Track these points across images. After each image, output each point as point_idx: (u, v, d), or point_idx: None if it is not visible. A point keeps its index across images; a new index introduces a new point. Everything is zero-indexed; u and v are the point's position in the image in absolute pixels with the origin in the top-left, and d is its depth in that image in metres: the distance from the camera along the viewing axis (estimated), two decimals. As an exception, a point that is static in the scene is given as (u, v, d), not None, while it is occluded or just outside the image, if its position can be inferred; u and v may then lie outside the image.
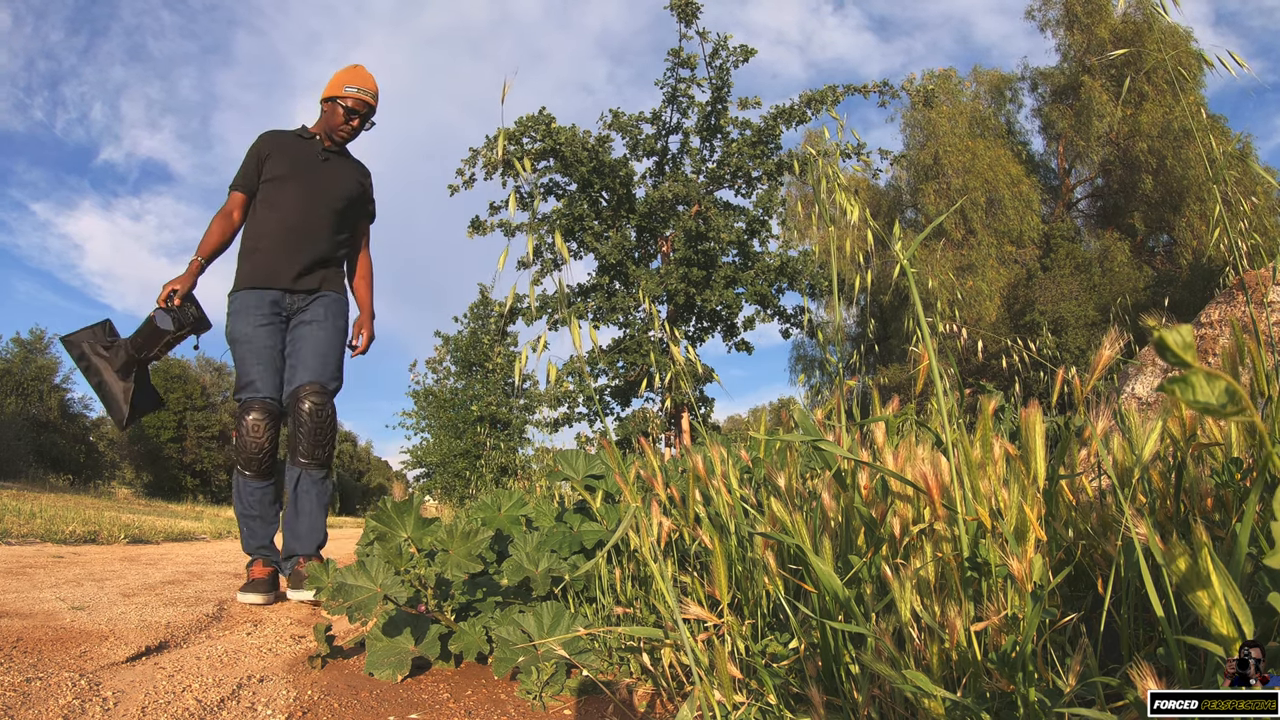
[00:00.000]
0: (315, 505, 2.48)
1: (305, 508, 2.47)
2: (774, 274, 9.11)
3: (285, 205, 2.51)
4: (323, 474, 2.48)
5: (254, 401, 2.42)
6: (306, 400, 2.43)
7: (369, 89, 2.61)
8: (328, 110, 2.62)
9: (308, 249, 2.53)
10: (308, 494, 2.47)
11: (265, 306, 2.48)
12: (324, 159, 2.61)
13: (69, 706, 1.14)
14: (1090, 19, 16.42)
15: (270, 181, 2.55)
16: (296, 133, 2.66)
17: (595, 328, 1.11)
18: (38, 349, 25.15)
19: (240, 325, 2.46)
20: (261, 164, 2.57)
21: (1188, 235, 15.48)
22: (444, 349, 14.95)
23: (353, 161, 2.73)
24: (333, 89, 2.60)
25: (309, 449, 2.44)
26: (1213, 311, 2.82)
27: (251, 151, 2.60)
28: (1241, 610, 0.58)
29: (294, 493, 2.46)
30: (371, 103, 2.62)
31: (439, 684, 1.44)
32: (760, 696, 1.02)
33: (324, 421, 2.46)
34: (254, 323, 2.45)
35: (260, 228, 2.52)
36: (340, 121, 2.59)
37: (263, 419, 2.42)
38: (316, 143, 2.63)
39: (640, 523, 1.17)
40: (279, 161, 2.56)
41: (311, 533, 2.48)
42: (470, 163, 9.33)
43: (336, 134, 2.61)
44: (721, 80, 9.09)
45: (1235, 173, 11.15)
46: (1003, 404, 2.40)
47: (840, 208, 1.38)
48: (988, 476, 0.87)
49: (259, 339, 2.45)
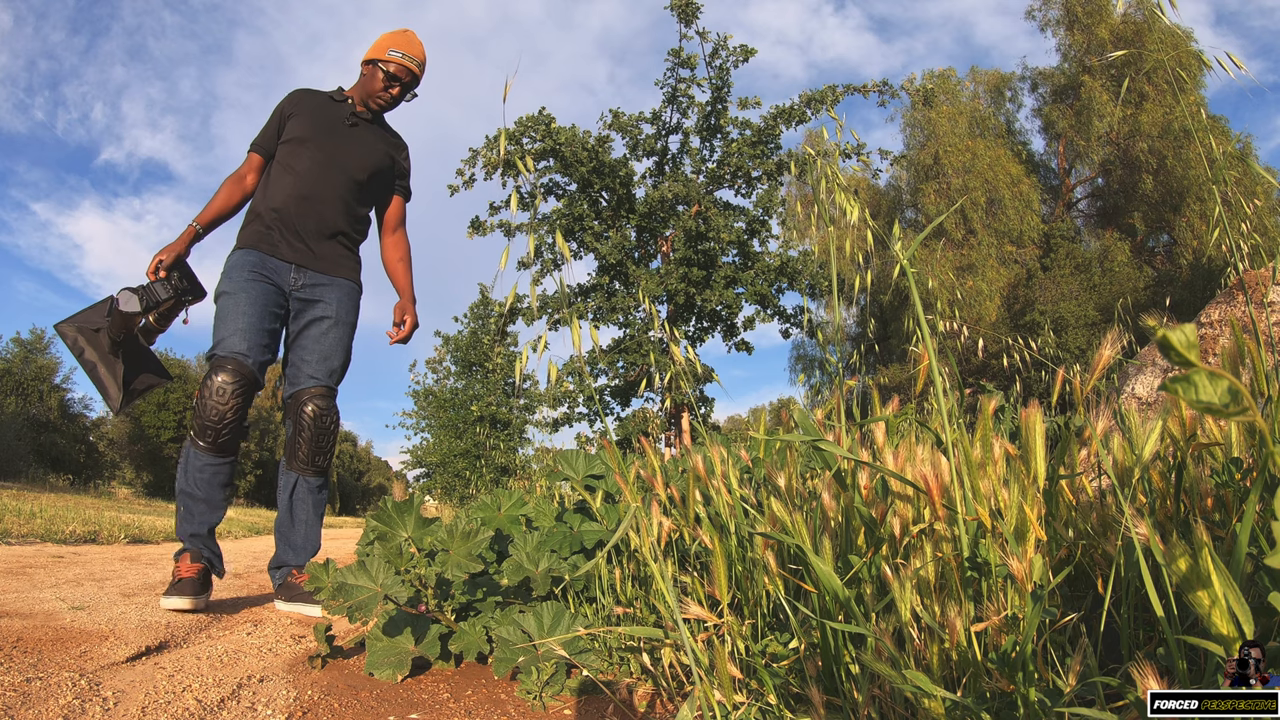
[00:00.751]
0: (312, 514, 2.33)
1: (302, 516, 2.32)
2: (774, 274, 9.11)
3: (300, 169, 2.29)
4: (320, 482, 2.34)
5: (226, 359, 2.12)
6: (310, 404, 2.27)
7: (416, 56, 2.37)
8: (367, 74, 2.38)
9: (320, 220, 2.31)
10: (304, 502, 2.32)
11: (262, 268, 2.24)
12: (352, 124, 2.38)
13: (69, 706, 1.14)
14: (1090, 19, 16.43)
15: (289, 143, 2.33)
16: (329, 94, 2.43)
17: (595, 328, 1.11)
18: (38, 349, 25.16)
19: (228, 281, 2.21)
20: (283, 123, 2.35)
21: (1188, 235, 15.48)
22: (444, 349, 14.96)
23: (386, 131, 2.49)
24: (376, 51, 2.36)
25: (309, 455, 2.28)
26: (1213, 311, 2.82)
27: (276, 109, 2.39)
28: (1242, 610, 0.58)
29: (289, 499, 2.31)
30: (416, 72, 2.38)
31: (439, 684, 1.44)
32: (760, 696, 1.02)
33: (327, 428, 2.31)
34: (245, 277, 2.20)
35: (271, 191, 2.30)
36: (379, 87, 2.36)
37: (233, 382, 2.11)
38: (348, 106, 2.40)
39: (640, 523, 1.17)
40: (301, 122, 2.34)
41: (307, 543, 2.33)
42: (470, 163, 9.34)
43: (373, 100, 2.38)
44: (721, 80, 9.09)
45: (1235, 173, 11.16)
46: (1003, 404, 2.40)
47: (840, 208, 1.38)
48: (988, 476, 0.87)
49: (247, 293, 2.18)
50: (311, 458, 2.29)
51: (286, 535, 2.34)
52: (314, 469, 2.31)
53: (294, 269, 2.29)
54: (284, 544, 2.34)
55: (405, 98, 2.42)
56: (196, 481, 2.16)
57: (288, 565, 2.34)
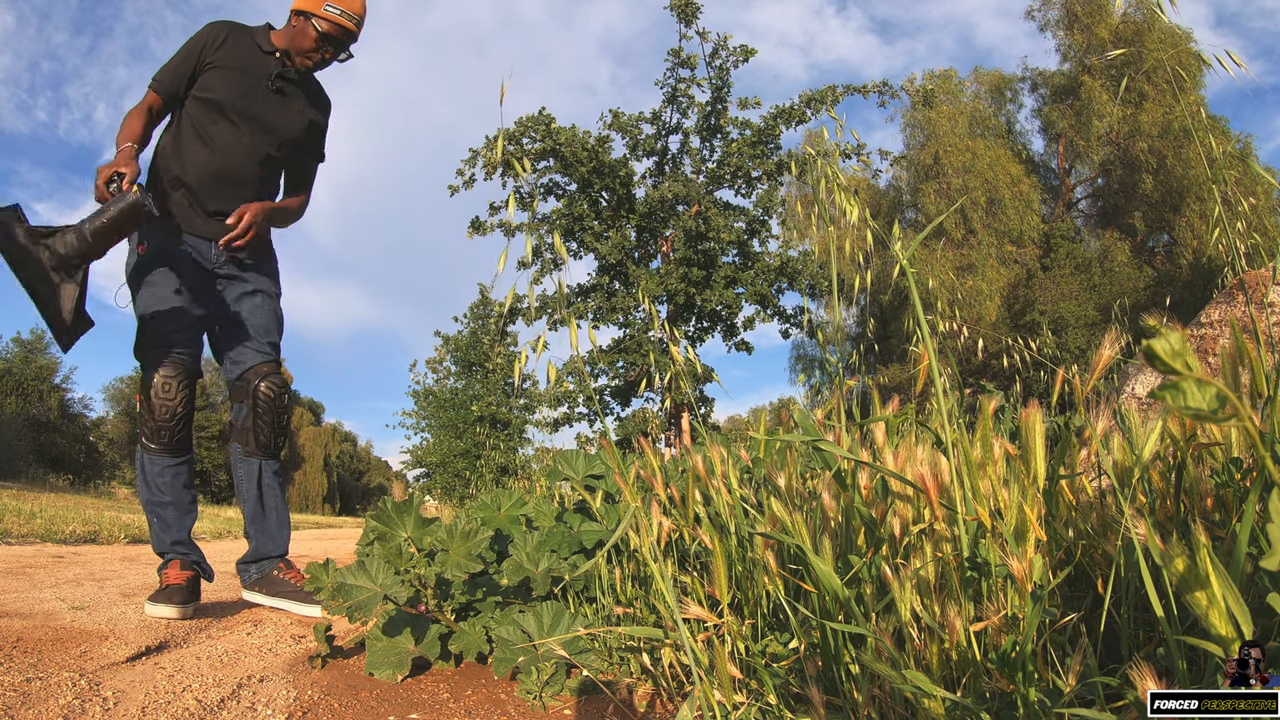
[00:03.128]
0: (280, 499, 2.23)
1: (271, 502, 2.20)
2: (774, 274, 9.12)
3: (219, 144, 2.06)
4: (278, 465, 2.22)
5: (162, 355, 1.99)
6: (265, 383, 2.13)
7: (354, 11, 2.08)
8: (297, 25, 2.08)
9: (237, 199, 2.09)
10: (271, 488, 2.19)
11: (181, 244, 2.06)
12: (275, 88, 2.11)
13: (69, 706, 1.14)
14: (1090, 19, 16.43)
15: (204, 101, 2.04)
16: (255, 38, 2.13)
17: (595, 328, 1.11)
18: (38, 349, 25.17)
19: (146, 267, 2.01)
20: (200, 69, 2.05)
21: (1188, 235, 15.49)
22: (444, 349, 14.96)
23: (312, 90, 2.23)
24: (309, 2, 2.05)
25: (270, 437, 2.14)
26: (1213, 311, 2.82)
27: (194, 44, 2.06)
28: (1240, 610, 0.58)
29: (256, 488, 2.17)
30: (354, 29, 2.10)
31: (439, 684, 1.44)
32: (760, 696, 1.02)
33: (285, 406, 2.17)
34: (164, 260, 2.03)
35: (185, 161, 2.05)
36: (309, 45, 2.08)
37: (175, 375, 1.98)
38: (273, 63, 2.12)
39: (640, 523, 1.17)
40: (222, 80, 2.05)
41: (281, 527, 2.23)
42: (470, 163, 9.34)
43: (300, 59, 2.10)
44: (721, 80, 9.09)
45: (1235, 173, 11.16)
46: (1003, 404, 2.40)
47: (840, 208, 1.38)
48: (988, 476, 0.87)
49: (167, 285, 2.01)
50: (272, 440, 2.17)
51: (261, 525, 2.21)
52: (274, 452, 2.19)
53: (214, 245, 2.10)
54: (261, 535, 2.22)
55: (337, 58, 2.15)
56: (160, 487, 2.05)
57: (270, 556, 2.23)
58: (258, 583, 2.22)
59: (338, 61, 2.17)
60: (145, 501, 2.09)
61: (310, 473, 43.95)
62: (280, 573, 2.21)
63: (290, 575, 2.22)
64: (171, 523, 2.09)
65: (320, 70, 2.19)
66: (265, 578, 2.21)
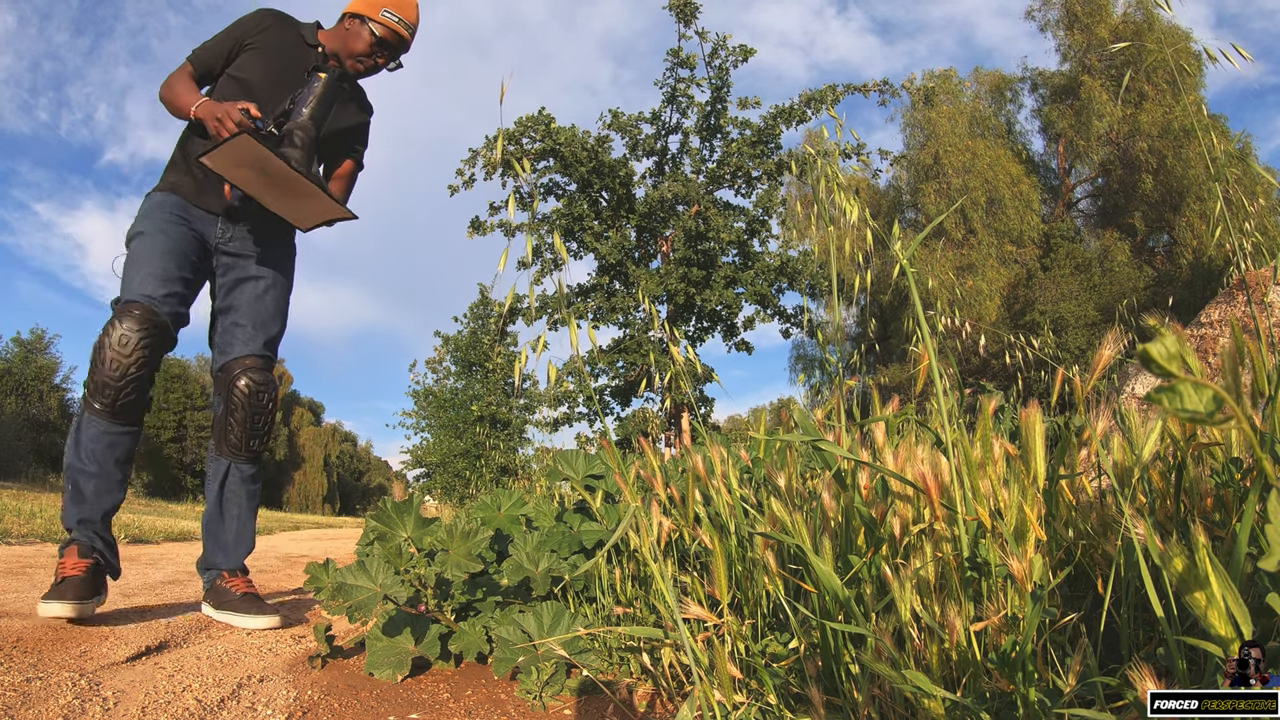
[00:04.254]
0: (246, 508, 2.02)
1: (234, 510, 2.01)
2: (774, 274, 9.12)
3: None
4: (254, 470, 2.03)
5: (133, 305, 1.76)
6: (245, 377, 1.95)
7: (410, 20, 2.04)
8: (350, 29, 2.03)
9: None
10: (237, 495, 2.00)
11: (185, 213, 1.93)
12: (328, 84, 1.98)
13: (69, 706, 1.14)
14: (1090, 19, 16.43)
15: (236, 81, 1.97)
16: (301, 31, 2.06)
17: (595, 328, 1.11)
18: (38, 349, 25.18)
19: (144, 222, 1.89)
20: (238, 50, 1.98)
21: (1188, 235, 15.49)
22: (444, 349, 14.97)
23: (355, 95, 2.15)
24: (365, 5, 2.01)
25: (242, 438, 1.96)
26: (1213, 311, 2.82)
27: (236, 27, 2.00)
28: (1240, 611, 0.58)
29: (219, 490, 1.99)
30: (408, 38, 2.06)
31: (439, 684, 1.44)
32: (760, 696, 1.02)
33: (263, 406, 1.98)
34: (164, 218, 1.89)
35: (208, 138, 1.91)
36: (363, 49, 2.02)
37: (139, 330, 1.74)
38: (315, 56, 2.04)
39: (640, 523, 1.17)
40: (257, 61, 1.97)
41: (240, 542, 2.02)
42: (470, 163, 9.34)
43: (351, 62, 2.04)
44: (721, 80, 9.09)
45: (1236, 172, 11.16)
46: (1003, 404, 2.40)
47: (840, 207, 1.38)
48: (988, 476, 0.87)
49: (165, 235, 1.86)
50: (245, 441, 1.97)
51: (215, 533, 2.01)
52: (248, 454, 1.99)
53: (220, 221, 1.98)
54: (213, 543, 2.02)
55: (389, 67, 2.10)
56: (90, 453, 1.77)
57: (216, 568, 2.02)
58: (208, 594, 2.04)
59: (388, 70, 2.12)
60: (67, 464, 1.81)
61: (310, 473, 43.97)
62: (224, 581, 2.00)
63: (234, 584, 1.99)
64: (87, 496, 1.80)
65: (369, 76, 2.13)
66: (211, 588, 2.02)
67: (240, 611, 1.96)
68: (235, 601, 1.97)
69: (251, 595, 2.00)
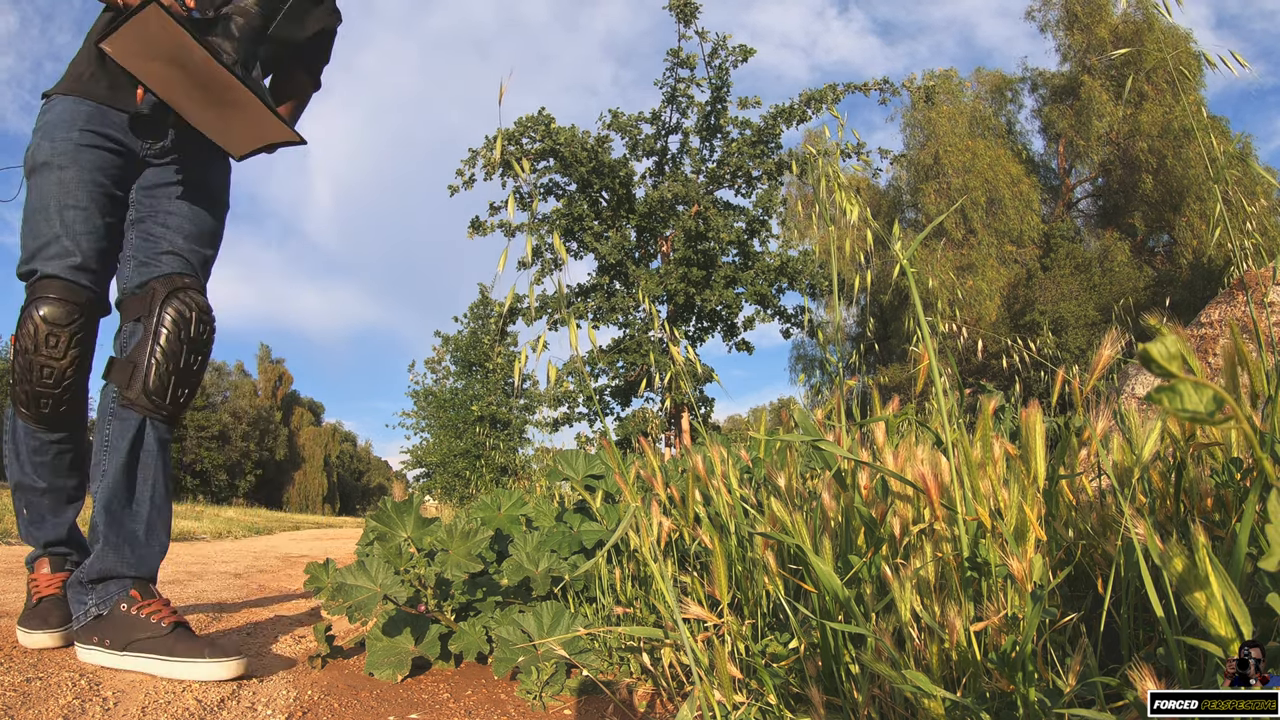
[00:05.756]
0: (164, 488, 1.48)
1: (147, 488, 1.45)
2: (774, 274, 9.12)
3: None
4: (169, 435, 1.49)
5: (52, 284, 1.35)
6: (180, 300, 1.44)
7: None
8: None
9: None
10: (153, 464, 1.45)
11: (102, 124, 1.44)
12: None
13: (69, 706, 1.14)
14: (1090, 19, 16.43)
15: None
16: None
17: (595, 328, 1.11)
18: (38, 349, 25.12)
19: (49, 146, 1.39)
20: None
21: (1188, 235, 15.49)
22: (443, 349, 14.97)
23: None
24: None
25: (163, 385, 1.42)
26: (1213, 311, 2.82)
27: None
28: (1240, 611, 0.58)
29: (126, 457, 1.42)
30: None
31: (439, 684, 1.44)
32: (760, 696, 1.02)
33: (204, 343, 1.48)
34: (73, 141, 1.40)
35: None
36: None
37: (65, 321, 1.35)
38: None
39: (640, 523, 1.17)
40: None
41: (154, 536, 1.46)
42: (470, 163, 9.34)
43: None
44: (721, 80, 9.09)
45: (1235, 172, 11.16)
46: (1003, 404, 2.40)
47: (840, 207, 1.38)
48: (988, 476, 0.87)
49: (78, 166, 1.39)
50: (170, 389, 1.43)
51: (118, 520, 1.42)
52: (170, 408, 1.45)
53: (142, 126, 1.51)
54: (113, 537, 1.41)
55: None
56: (36, 469, 1.47)
57: (121, 576, 1.40)
58: (97, 626, 1.37)
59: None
60: (15, 483, 1.50)
61: (310, 473, 44.00)
62: (134, 605, 1.37)
63: (150, 609, 1.37)
64: (47, 514, 1.53)
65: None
66: (110, 617, 1.36)
67: (163, 655, 1.32)
68: (160, 639, 1.34)
69: (185, 628, 1.39)
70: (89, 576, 1.41)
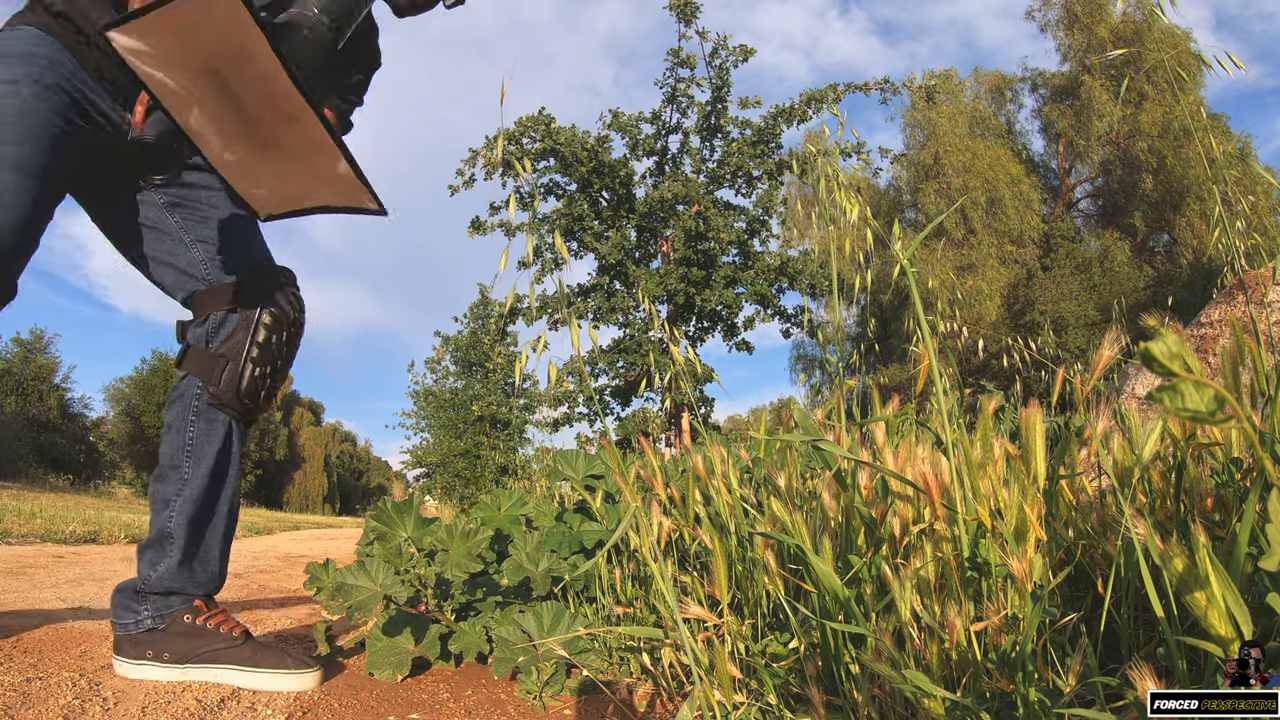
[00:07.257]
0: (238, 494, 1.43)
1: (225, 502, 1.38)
2: (774, 274, 9.13)
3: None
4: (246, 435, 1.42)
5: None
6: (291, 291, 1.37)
7: None
8: None
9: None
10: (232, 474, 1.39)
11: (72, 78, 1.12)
12: None
13: (69, 706, 1.14)
14: (1090, 19, 16.43)
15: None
16: None
17: (595, 328, 1.11)
18: (38, 349, 25.17)
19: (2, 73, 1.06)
20: None
21: (1188, 235, 15.49)
22: (443, 349, 14.97)
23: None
24: None
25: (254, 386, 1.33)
26: (1213, 311, 2.82)
27: None
28: (1240, 611, 0.58)
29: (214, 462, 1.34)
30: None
31: (439, 684, 1.44)
32: (760, 696, 1.02)
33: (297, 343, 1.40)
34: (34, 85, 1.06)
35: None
36: None
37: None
38: None
39: (640, 523, 1.17)
40: None
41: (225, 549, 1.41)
42: (470, 163, 9.34)
43: None
44: (721, 80, 9.10)
45: (1235, 172, 11.16)
46: (1003, 404, 2.40)
47: (840, 207, 1.38)
48: (988, 476, 0.87)
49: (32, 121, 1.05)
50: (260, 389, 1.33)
51: (200, 533, 1.34)
52: (256, 412, 1.36)
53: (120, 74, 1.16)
54: (193, 548, 1.33)
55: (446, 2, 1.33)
56: None
57: (187, 593, 1.34)
58: (150, 639, 1.31)
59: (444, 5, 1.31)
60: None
61: (310, 473, 43.97)
62: (199, 616, 1.32)
63: (218, 619, 1.34)
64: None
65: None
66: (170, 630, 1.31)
67: (258, 667, 1.31)
68: (240, 650, 1.33)
69: (259, 641, 1.37)
70: (152, 589, 1.32)
